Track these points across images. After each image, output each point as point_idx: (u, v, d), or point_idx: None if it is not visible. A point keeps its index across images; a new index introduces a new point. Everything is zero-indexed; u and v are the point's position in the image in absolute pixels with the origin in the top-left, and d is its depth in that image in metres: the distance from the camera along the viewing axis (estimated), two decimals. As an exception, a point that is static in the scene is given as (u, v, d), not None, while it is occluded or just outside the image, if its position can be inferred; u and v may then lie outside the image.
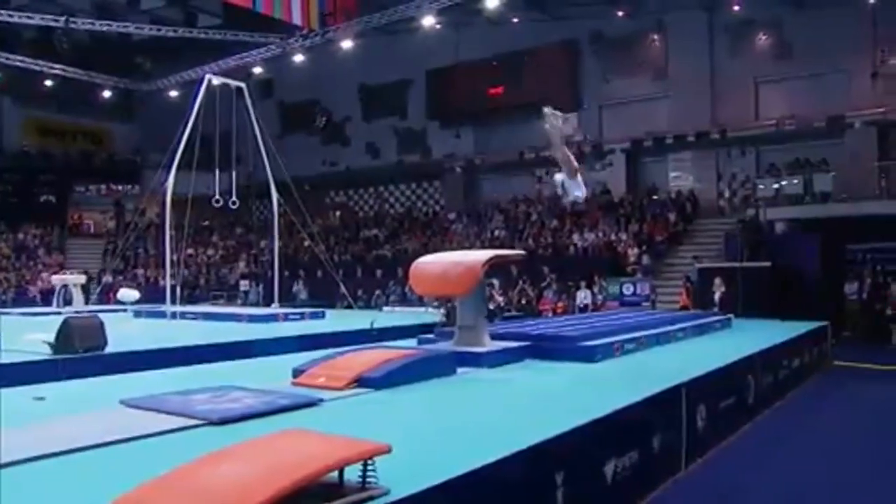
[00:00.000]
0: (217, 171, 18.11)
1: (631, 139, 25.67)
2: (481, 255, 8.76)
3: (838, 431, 8.53)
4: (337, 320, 16.46)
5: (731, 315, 14.19)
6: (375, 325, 13.08)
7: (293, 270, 26.41)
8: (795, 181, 20.08)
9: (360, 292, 23.08)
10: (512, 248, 21.86)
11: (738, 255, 17.64)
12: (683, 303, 18.02)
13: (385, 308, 21.98)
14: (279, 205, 20.00)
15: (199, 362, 8.76)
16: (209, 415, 5.23)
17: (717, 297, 16.21)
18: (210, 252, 31.52)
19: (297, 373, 7.01)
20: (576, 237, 23.13)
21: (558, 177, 9.11)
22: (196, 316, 17.41)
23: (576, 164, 8.96)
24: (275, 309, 18.20)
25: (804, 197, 19.85)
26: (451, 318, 13.30)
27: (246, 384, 6.44)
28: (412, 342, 10.05)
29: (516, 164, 28.38)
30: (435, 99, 30.36)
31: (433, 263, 8.90)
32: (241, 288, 26.33)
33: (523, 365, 8.43)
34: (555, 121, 8.97)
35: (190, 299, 24.18)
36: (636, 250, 20.92)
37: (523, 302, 19.48)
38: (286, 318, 16.60)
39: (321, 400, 5.96)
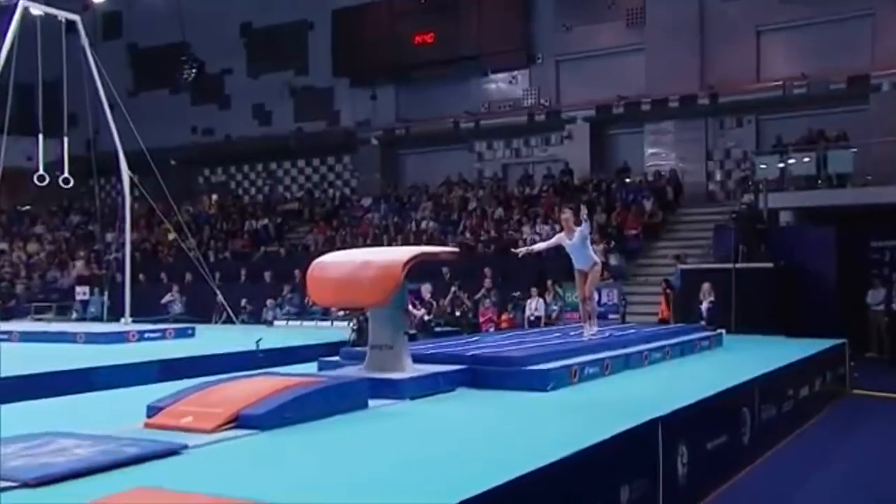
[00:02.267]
0: (41, 137, 17.40)
1: (596, 104, 26.11)
2: (402, 254, 8.81)
3: (858, 478, 8.75)
4: (210, 340, 16.28)
5: (722, 330, 14.52)
6: (262, 346, 12.99)
7: (152, 273, 25.96)
8: (806, 159, 20.63)
9: (243, 302, 22.90)
10: (443, 244, 22.16)
11: (733, 253, 17.98)
12: (662, 314, 18.42)
13: (277, 322, 21.94)
14: (132, 185, 19.58)
15: (12, 401, 8.37)
16: (22, 473, 5.03)
17: (704, 307, 16.51)
18: (32, 248, 30.77)
19: (152, 410, 6.89)
20: (526, 230, 23.32)
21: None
22: (9, 336, 17.02)
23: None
24: (124, 325, 17.89)
25: (817, 179, 20.42)
26: (361, 336, 13.31)
27: (79, 428, 6.28)
28: (311, 367, 10.04)
29: (450, 136, 28.68)
30: (344, 48, 30.34)
31: (339, 264, 8.91)
32: (78, 297, 25.77)
33: (455, 395, 8.48)
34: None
35: (2, 314, 23.57)
36: (602, 247, 21.14)
37: (457, 314, 19.61)
38: (140, 337, 16.45)
39: (185, 446, 5.86)
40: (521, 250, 11.72)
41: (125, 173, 19.30)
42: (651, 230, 22.74)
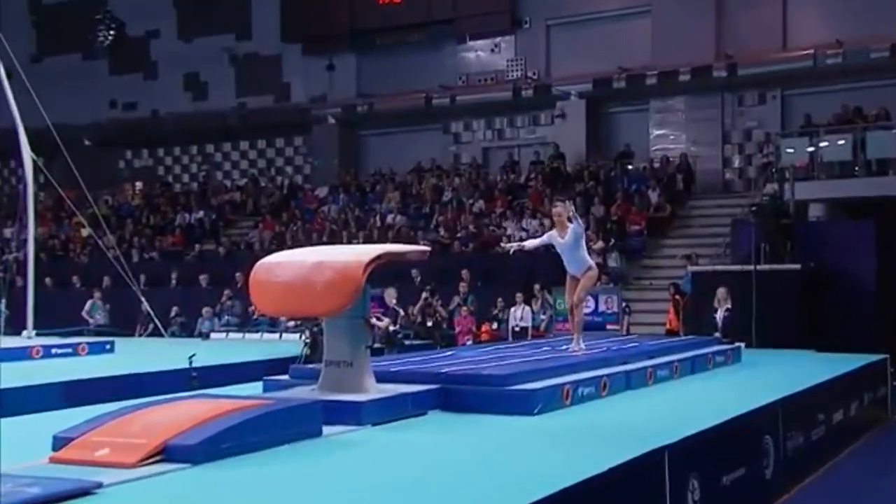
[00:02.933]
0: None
1: (594, 77, 26.22)
2: (364, 253, 8.83)
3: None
4: (133, 356, 16.22)
5: (740, 343, 14.63)
6: (196, 364, 12.94)
7: (62, 276, 25.79)
8: (841, 142, 20.77)
9: (174, 311, 22.90)
10: (412, 241, 22.08)
11: (753, 253, 17.95)
12: (670, 325, 18.60)
13: (214, 335, 21.89)
14: (36, 170, 19.41)
15: None
16: None
17: (719, 315, 16.51)
18: None
19: (60, 442, 6.81)
20: (510, 226, 23.48)
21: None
22: None
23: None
24: (27, 339, 17.78)
25: (853, 166, 20.56)
26: (315, 351, 13.36)
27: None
28: (256, 388, 10.03)
29: (421, 115, 28.82)
30: (295, 8, 30.33)
31: (288, 265, 8.88)
32: (-33, 305, 25.54)
33: (426, 420, 8.54)
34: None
35: None
36: (600, 245, 21.35)
37: (429, 324, 19.69)
38: (46, 353, 16.32)
39: (100, 485, 5.81)
40: (511, 245, 11.86)
41: (27, 155, 19.11)
42: (657, 226, 22.87)
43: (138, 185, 32.93)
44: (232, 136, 32.66)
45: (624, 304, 19.63)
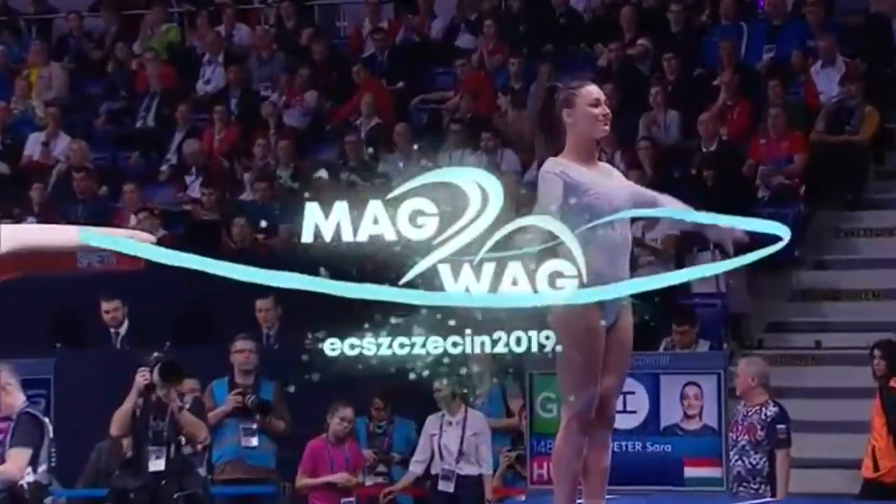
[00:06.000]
0: None
1: None
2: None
3: None
4: None
5: None
6: None
7: None
8: None
9: None
10: (110, 219, 23.76)
11: None
12: (875, 463, 18.99)
13: None
14: None
15: None
16: None
17: None
18: None
19: None
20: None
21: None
22: None
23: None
24: None
25: None
26: None
27: None
28: None
29: None
30: None
31: None
32: None
33: None
34: None
35: None
36: (661, 243, 23.04)
37: (159, 464, 19.05)
38: None
39: None
40: None
41: None
42: (839, 172, 21.56)
43: None
44: None
45: (773, 413, 18.56)
